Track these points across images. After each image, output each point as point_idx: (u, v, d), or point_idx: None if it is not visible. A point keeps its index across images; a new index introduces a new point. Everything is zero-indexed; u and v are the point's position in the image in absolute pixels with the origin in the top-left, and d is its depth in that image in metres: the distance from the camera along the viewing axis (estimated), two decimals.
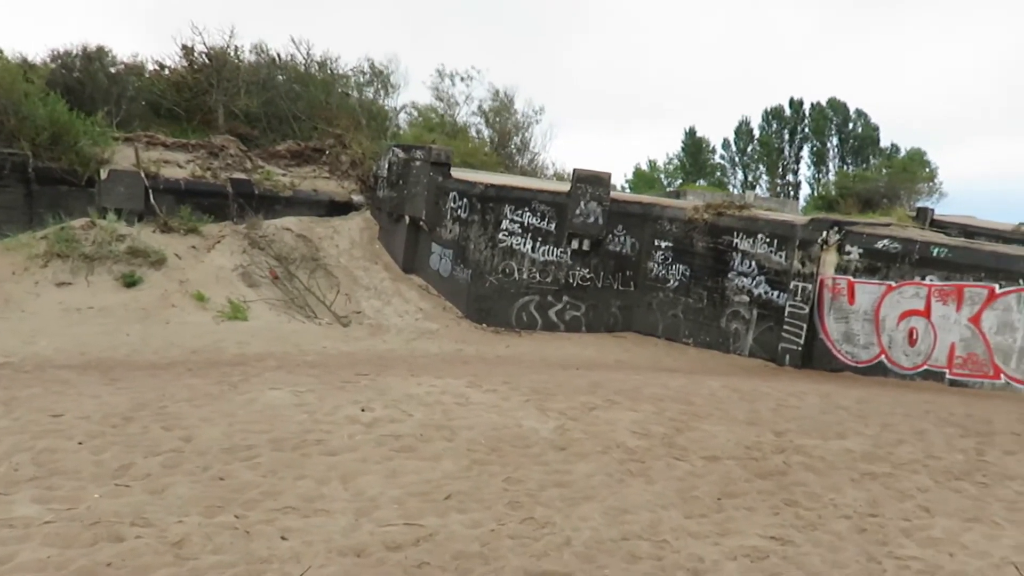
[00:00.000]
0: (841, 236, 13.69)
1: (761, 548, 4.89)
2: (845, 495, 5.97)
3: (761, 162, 55.05)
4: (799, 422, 8.14)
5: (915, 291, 12.64)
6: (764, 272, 14.71)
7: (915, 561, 4.82)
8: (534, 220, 15.72)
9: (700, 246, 15.67)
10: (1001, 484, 6.40)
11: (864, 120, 53.75)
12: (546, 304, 15.99)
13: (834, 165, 53.33)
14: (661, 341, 16.05)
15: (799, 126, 55.01)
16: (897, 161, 43.88)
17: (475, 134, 27.38)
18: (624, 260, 16.50)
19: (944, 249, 12.59)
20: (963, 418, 8.85)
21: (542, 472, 6.05)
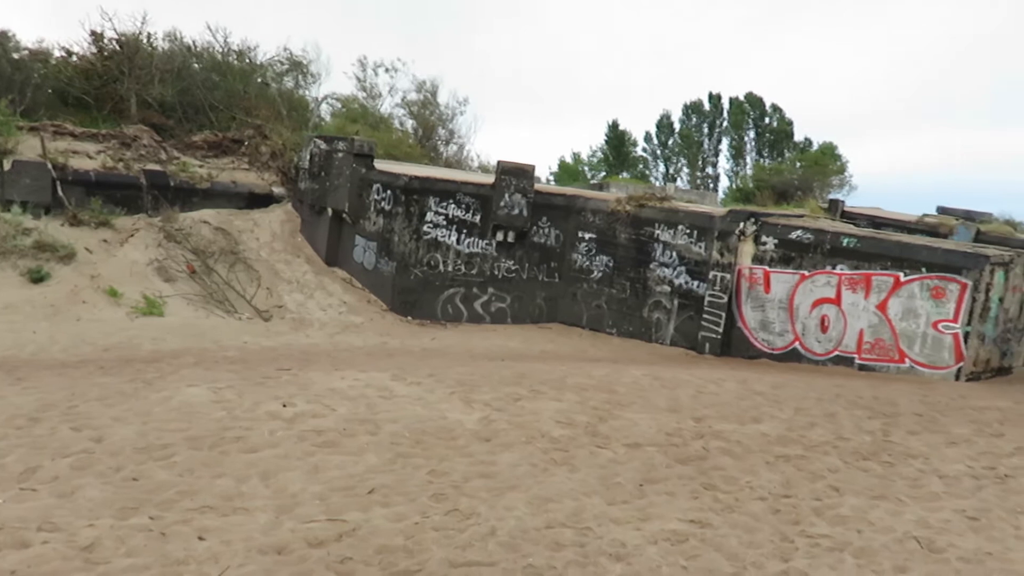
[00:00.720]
0: (757, 227, 14.09)
1: (681, 532, 5.01)
2: (760, 478, 6.17)
3: (682, 155, 56.18)
4: (718, 408, 8.36)
5: (827, 280, 13.12)
6: (684, 263, 15.03)
7: (825, 539, 5.01)
8: (459, 212, 15.69)
9: (623, 237, 15.91)
10: (905, 463, 6.71)
11: (779, 115, 55.36)
12: (471, 296, 16.00)
13: (751, 158, 54.79)
14: (586, 331, 16.24)
15: (718, 120, 56.33)
16: (810, 155, 45.33)
17: (399, 125, 27.12)
18: (549, 252, 16.63)
19: (853, 240, 13.08)
20: (871, 401, 9.23)
21: (467, 463, 6.06)
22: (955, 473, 6.46)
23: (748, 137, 55.42)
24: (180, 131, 20.27)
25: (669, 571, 4.44)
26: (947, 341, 11.75)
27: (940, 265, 11.95)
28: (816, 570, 4.55)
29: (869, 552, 4.82)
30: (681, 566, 4.52)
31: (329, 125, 23.86)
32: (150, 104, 20.52)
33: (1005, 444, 7.43)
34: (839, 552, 4.82)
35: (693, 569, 4.48)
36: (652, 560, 4.56)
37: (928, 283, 11.98)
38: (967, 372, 11.71)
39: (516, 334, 15.31)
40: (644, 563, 4.51)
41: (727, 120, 56.03)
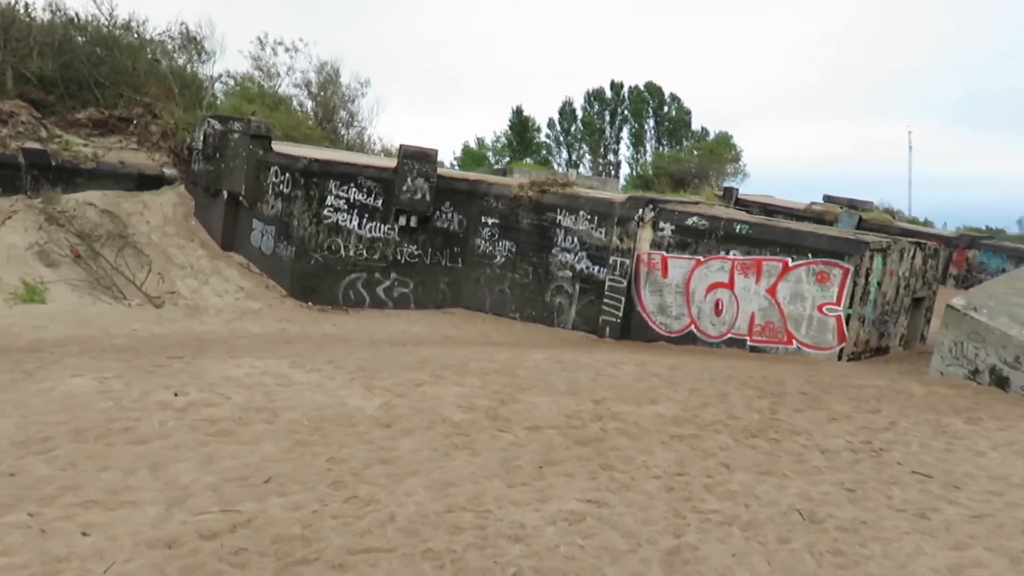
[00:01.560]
0: (655, 214, 14.43)
1: (578, 511, 5.11)
2: (656, 457, 6.35)
3: (584, 142, 56.95)
4: (616, 390, 8.55)
5: (721, 265, 13.57)
6: (586, 248, 15.26)
7: (715, 514, 5.21)
8: (360, 196, 15.45)
9: (525, 223, 16.02)
10: (790, 439, 7.04)
11: (678, 104, 56.85)
12: (374, 281, 15.81)
13: (651, 146, 56.05)
14: (489, 316, 16.31)
15: (619, 108, 57.33)
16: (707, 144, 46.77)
17: (298, 107, 26.47)
18: (452, 236, 16.59)
19: (746, 226, 13.57)
20: (760, 381, 9.63)
21: (367, 450, 6.01)
22: (835, 448, 6.81)
23: (648, 125, 56.68)
24: (62, 108, 19.14)
25: (566, 550, 4.53)
26: (831, 323, 12.36)
27: (825, 251, 12.54)
28: (706, 544, 4.72)
29: (755, 525, 5.04)
30: (578, 545, 4.61)
31: (224, 105, 23.05)
32: (28, 78, 19.29)
33: (881, 420, 7.88)
34: (728, 526, 5.02)
35: (589, 547, 4.58)
36: (550, 540, 4.64)
37: (814, 268, 12.56)
38: (849, 352, 12.35)
39: (419, 319, 15.24)
40: (542, 543, 4.58)
41: (628, 108, 57.10)
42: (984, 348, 9.80)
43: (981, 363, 9.85)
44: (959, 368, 10.16)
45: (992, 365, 9.70)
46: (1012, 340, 9.43)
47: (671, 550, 4.61)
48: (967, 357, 10.04)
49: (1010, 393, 9.38)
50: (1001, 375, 9.57)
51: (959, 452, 6.79)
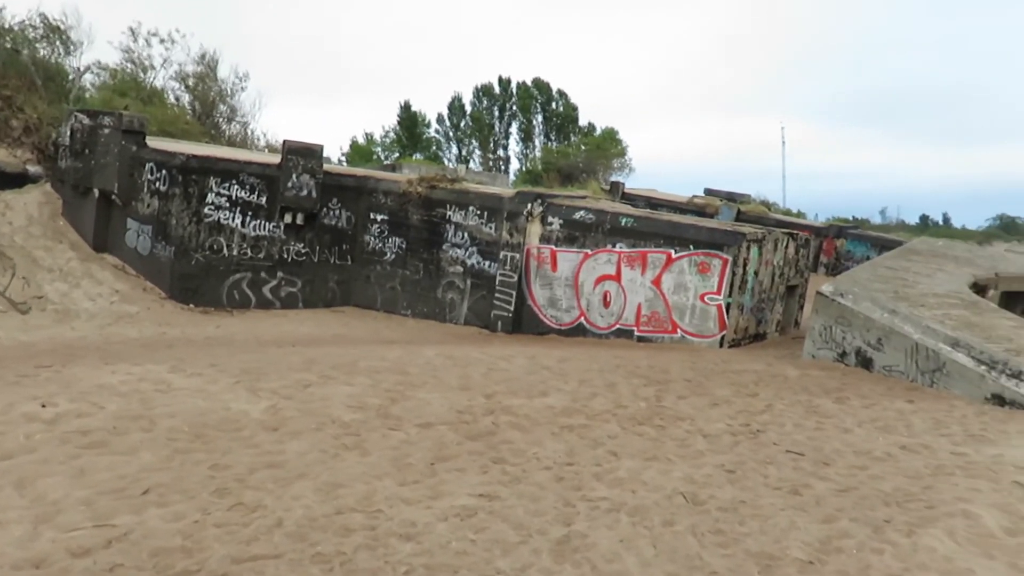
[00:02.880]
0: (544, 208, 14.62)
1: (470, 506, 5.13)
2: (546, 448, 6.44)
3: (474, 137, 57.02)
4: (507, 384, 8.63)
5: (608, 258, 13.89)
6: (476, 243, 15.31)
7: (604, 501, 5.33)
8: (243, 193, 14.98)
9: (415, 219, 15.93)
10: (675, 425, 7.28)
11: (565, 100, 57.67)
12: (260, 281, 15.37)
13: (540, 141, 56.66)
14: (380, 314, 16.14)
15: (508, 104, 57.69)
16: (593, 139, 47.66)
17: (175, 101, 25.38)
18: (340, 234, 16.31)
19: (631, 219, 13.94)
20: (647, 370, 9.92)
21: (252, 455, 5.84)
22: (716, 432, 7.09)
23: (536, 121, 57.27)
24: None
25: (458, 546, 4.54)
26: (712, 312, 12.86)
27: (705, 242, 13.02)
28: (595, 531, 4.83)
29: (642, 510, 5.18)
30: (470, 540, 4.63)
31: (95, 98, 21.87)
32: None
33: (758, 403, 8.26)
34: (616, 512, 5.14)
35: (481, 541, 4.61)
36: (442, 537, 4.64)
37: (695, 259, 13.03)
38: (729, 339, 12.89)
39: (308, 319, 14.93)
40: (434, 540, 4.58)
41: (516, 104, 57.54)
42: (850, 331, 10.41)
43: (848, 345, 10.47)
44: (829, 351, 10.75)
45: (858, 347, 10.32)
46: (875, 323, 10.05)
47: (561, 539, 4.69)
48: (836, 340, 10.65)
49: (874, 373, 10.00)
50: (866, 356, 10.19)
51: (828, 430, 7.19)
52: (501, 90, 57.65)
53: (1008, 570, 4.25)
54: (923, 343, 9.38)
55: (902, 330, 9.70)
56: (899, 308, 10.14)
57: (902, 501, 5.31)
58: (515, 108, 57.66)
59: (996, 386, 8.41)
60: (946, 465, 6.11)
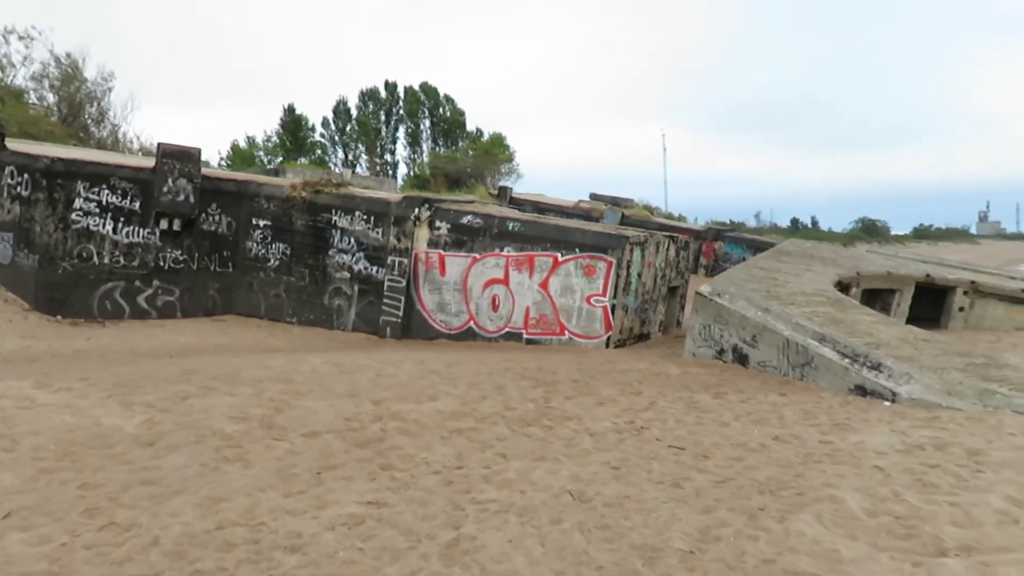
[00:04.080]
0: (431, 213, 14.59)
1: (357, 514, 5.06)
2: (435, 453, 6.42)
3: (360, 141, 56.30)
4: (396, 390, 8.56)
5: (496, 261, 13.99)
6: (363, 248, 15.11)
7: (493, 503, 5.36)
8: (114, 198, 14.26)
9: (300, 224, 15.58)
10: (562, 425, 7.40)
11: (453, 105, 57.74)
12: (134, 290, 14.66)
13: (427, 146, 56.50)
14: (264, 322, 15.70)
15: (394, 108, 57.25)
16: (481, 144, 47.89)
17: (37, 101, 23.90)
18: (221, 240, 15.77)
19: (518, 223, 14.08)
20: (535, 371, 10.04)
21: (126, 472, 5.56)
22: (603, 430, 7.25)
23: (424, 125, 57.08)
24: None
25: (346, 555, 4.47)
26: (598, 313, 13.15)
27: (590, 246, 13.31)
28: (484, 533, 4.85)
29: (530, 510, 5.24)
30: (358, 548, 4.57)
31: None
32: None
33: (642, 400, 8.50)
34: (505, 513, 5.18)
35: (369, 549, 4.55)
36: (328, 547, 4.55)
37: (581, 262, 13.29)
38: (615, 340, 13.20)
39: (187, 328, 14.34)
40: (320, 551, 4.49)
41: (403, 108, 57.17)
42: (727, 329, 10.86)
43: (725, 343, 10.92)
44: (708, 349, 11.18)
45: (734, 344, 10.78)
46: (749, 321, 10.53)
47: (450, 543, 4.69)
48: (714, 338, 11.09)
49: (749, 368, 10.47)
50: (742, 353, 10.66)
51: (708, 424, 7.47)
52: (388, 94, 57.17)
53: (869, 548, 4.53)
54: (793, 339, 9.89)
55: (774, 327, 10.20)
56: (771, 306, 10.66)
57: (775, 489, 5.58)
58: (402, 113, 57.29)
59: (858, 377, 8.96)
60: (814, 453, 6.45)
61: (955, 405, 8.02)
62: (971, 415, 7.68)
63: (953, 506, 5.12)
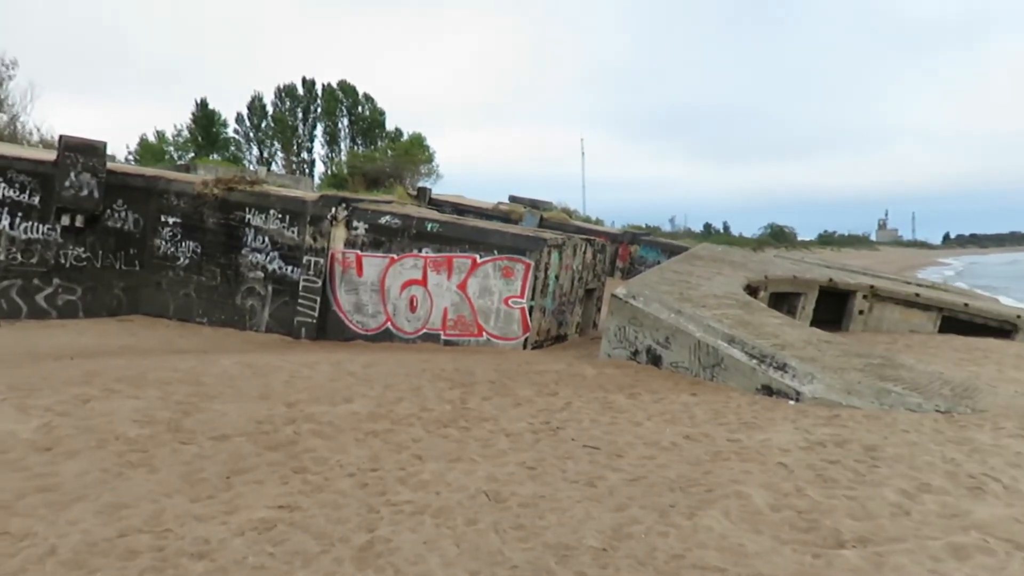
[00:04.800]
0: (349, 212, 14.41)
1: (268, 519, 4.95)
2: (350, 455, 6.35)
3: (276, 139, 55.14)
4: (310, 391, 8.41)
5: (414, 262, 13.91)
6: (278, 248, 14.81)
7: (408, 504, 5.33)
8: (12, 192, 13.59)
9: (211, 222, 15.16)
10: (479, 426, 7.41)
11: (372, 104, 57.15)
12: (32, 288, 13.99)
13: (345, 145, 55.76)
14: (173, 322, 15.21)
15: (312, 106, 56.29)
16: (401, 144, 47.55)
17: None
18: (127, 237, 15.20)
19: (437, 224, 14.05)
20: (452, 372, 10.03)
21: (21, 479, 5.30)
22: (519, 430, 7.30)
23: (342, 124, 56.30)
24: None
25: (255, 560, 4.37)
26: (516, 315, 13.23)
27: (509, 248, 13.38)
28: (399, 535, 4.82)
29: (446, 511, 5.24)
30: (268, 553, 4.47)
31: None
32: None
33: (558, 401, 8.60)
34: (420, 515, 5.16)
35: (280, 554, 4.47)
36: (237, 552, 4.44)
37: (500, 264, 13.35)
38: (532, 341, 13.31)
39: (89, 329, 13.77)
40: (229, 556, 4.38)
41: (321, 106, 56.27)
42: (642, 331, 11.08)
43: (640, 344, 11.14)
44: (623, 350, 11.39)
45: (648, 346, 11.01)
46: (663, 323, 10.77)
47: (364, 545, 4.64)
48: (629, 340, 11.29)
49: (663, 369, 10.71)
50: (655, 354, 10.90)
51: (622, 424, 7.61)
52: (305, 92, 56.15)
53: (772, 542, 4.70)
54: (704, 341, 10.16)
55: (686, 329, 10.46)
56: (684, 309, 10.93)
57: (685, 486, 5.73)
58: (320, 110, 56.35)
59: (765, 378, 9.28)
60: (723, 451, 6.65)
61: (854, 404, 8.39)
62: (868, 413, 8.05)
63: (851, 500, 5.36)
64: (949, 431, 7.20)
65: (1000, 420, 7.57)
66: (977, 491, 5.51)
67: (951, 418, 7.74)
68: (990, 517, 4.99)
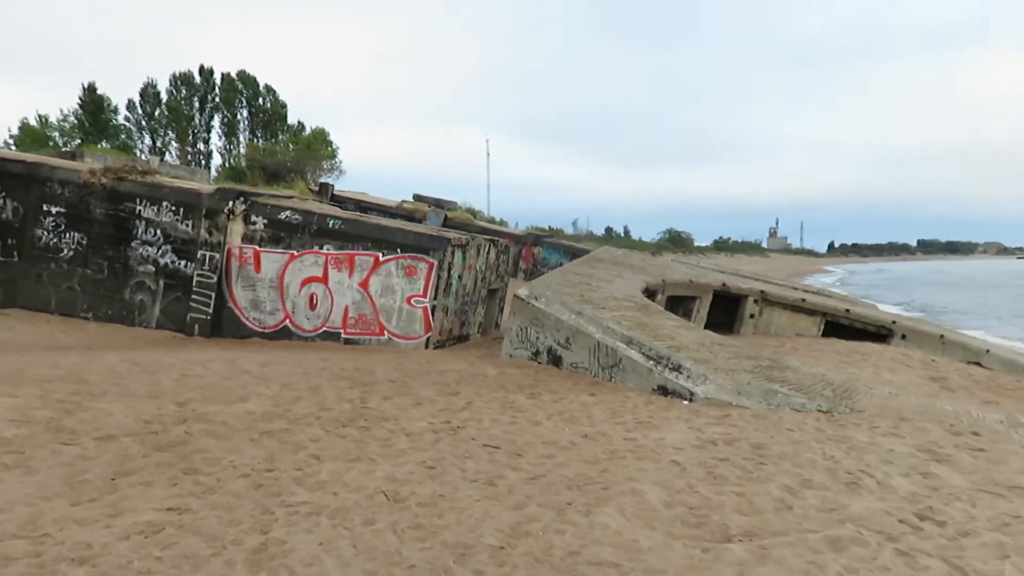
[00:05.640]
0: (247, 206, 14.01)
1: (156, 522, 4.77)
2: (244, 455, 6.18)
3: (171, 128, 53.05)
4: (203, 390, 8.14)
5: (315, 259, 13.65)
6: (171, 241, 14.27)
7: (304, 505, 5.23)
8: None
9: (99, 212, 14.47)
10: (379, 426, 7.34)
11: (273, 96, 55.73)
12: None
13: (245, 137, 54.19)
14: (55, 317, 14.44)
15: (209, 95, 54.43)
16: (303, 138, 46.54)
17: None
18: (5, 226, 14.35)
19: (339, 221, 13.82)
20: (353, 371, 9.90)
21: None
22: (419, 430, 7.27)
23: (242, 116, 54.69)
24: None
25: (141, 565, 4.20)
26: (418, 314, 13.16)
27: (412, 246, 13.30)
28: (294, 536, 4.72)
29: (343, 511, 5.17)
30: (155, 557, 4.31)
31: None
32: None
33: (459, 400, 8.60)
34: (316, 516, 5.07)
35: (168, 558, 4.31)
36: (122, 556, 4.26)
37: (402, 263, 13.25)
38: (435, 341, 13.26)
39: None
40: (112, 561, 4.19)
41: (219, 96, 54.47)
42: (543, 332, 11.22)
43: (541, 345, 11.27)
44: (524, 350, 11.49)
45: (549, 346, 11.15)
46: (564, 324, 10.93)
47: (257, 547, 4.53)
48: (530, 340, 11.41)
49: (563, 369, 10.87)
50: (556, 354, 11.05)
51: (522, 424, 7.69)
52: (203, 80, 54.20)
53: (665, 537, 4.84)
54: (604, 342, 10.37)
55: (586, 330, 10.65)
56: (584, 310, 11.12)
57: (582, 485, 5.84)
58: (218, 100, 54.51)
59: (661, 378, 9.54)
60: (619, 450, 6.81)
61: (744, 404, 8.74)
62: (757, 412, 8.40)
63: (739, 496, 5.58)
64: (830, 430, 7.59)
65: (875, 419, 8.03)
66: (853, 486, 5.83)
67: (832, 417, 8.16)
68: (864, 510, 5.29)
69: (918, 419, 8.05)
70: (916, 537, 4.87)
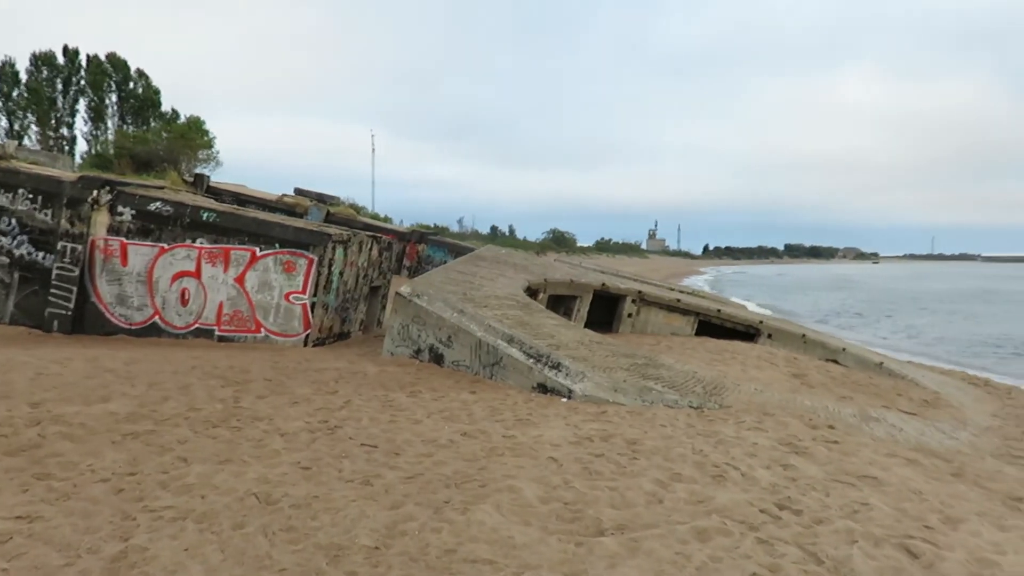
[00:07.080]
0: (113, 196, 13.28)
1: (3, 531, 4.46)
2: (104, 459, 5.86)
3: (30, 111, 49.63)
4: (60, 390, 7.67)
5: (187, 253, 13.08)
6: (27, 231, 13.35)
7: (169, 510, 5.01)
8: None
9: None
10: (252, 426, 7.11)
11: (146, 81, 53.05)
12: None
13: (113, 123, 51.38)
14: None
15: (75, 77, 51.29)
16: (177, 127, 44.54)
17: None
18: None
19: (213, 214, 13.30)
20: (226, 370, 9.55)
21: None
22: (295, 430, 7.09)
23: (110, 100, 51.80)
24: None
25: None
26: (297, 311, 12.83)
27: (291, 241, 12.95)
28: (157, 542, 4.51)
29: (211, 515, 4.98)
30: (1, 569, 4.02)
31: None
32: None
33: (337, 399, 8.45)
34: (182, 521, 4.87)
35: (15, 570, 4.03)
36: None
37: (281, 258, 12.89)
38: (314, 338, 12.97)
39: None
40: None
41: (86, 79, 51.40)
42: (425, 330, 11.16)
43: (423, 343, 11.21)
44: (406, 348, 11.40)
45: (431, 344, 11.11)
46: (446, 322, 10.91)
47: (116, 556, 4.31)
48: (412, 338, 11.33)
49: (444, 368, 10.85)
50: (438, 352, 11.02)
51: (401, 422, 7.62)
52: (67, 61, 50.97)
53: (540, 533, 4.91)
54: (485, 340, 10.42)
55: (468, 328, 10.67)
56: (466, 308, 11.14)
57: (460, 482, 5.84)
58: (84, 83, 51.41)
59: (541, 376, 9.67)
60: (498, 447, 6.86)
61: (620, 401, 8.98)
62: (632, 409, 8.65)
63: (612, 490, 5.73)
64: (699, 425, 7.91)
65: (742, 415, 8.42)
66: (720, 479, 6.10)
67: (702, 413, 8.50)
68: (729, 502, 5.54)
69: (780, 414, 8.50)
70: (775, 526, 5.14)
